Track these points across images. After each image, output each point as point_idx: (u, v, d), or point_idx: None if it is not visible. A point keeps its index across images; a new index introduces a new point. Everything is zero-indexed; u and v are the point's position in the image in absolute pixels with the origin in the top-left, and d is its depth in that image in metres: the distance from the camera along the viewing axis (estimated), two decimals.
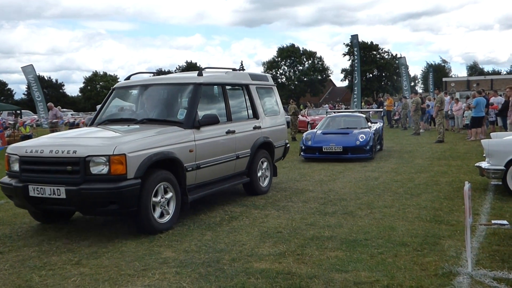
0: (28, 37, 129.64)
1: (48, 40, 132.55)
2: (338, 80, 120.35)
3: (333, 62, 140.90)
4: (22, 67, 32.25)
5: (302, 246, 5.06)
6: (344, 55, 71.39)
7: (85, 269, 4.57)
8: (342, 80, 79.03)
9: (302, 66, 75.75)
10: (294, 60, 75.57)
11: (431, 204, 6.87)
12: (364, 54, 66.95)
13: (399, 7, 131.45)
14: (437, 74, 72.23)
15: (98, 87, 76.17)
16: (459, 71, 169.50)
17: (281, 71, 76.67)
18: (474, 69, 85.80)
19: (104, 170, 5.27)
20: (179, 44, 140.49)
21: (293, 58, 75.41)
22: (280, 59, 76.02)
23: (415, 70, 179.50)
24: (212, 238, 5.47)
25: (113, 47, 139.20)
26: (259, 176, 7.98)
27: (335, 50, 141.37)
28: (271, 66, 75.90)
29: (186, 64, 75.51)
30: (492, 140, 7.85)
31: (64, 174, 5.40)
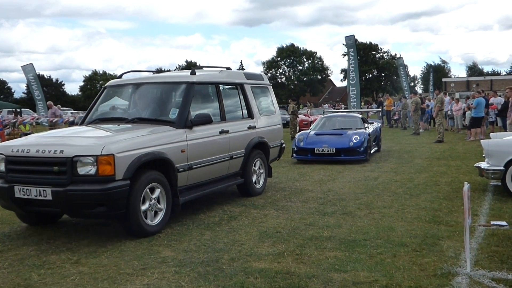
0: (27, 35, 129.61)
1: (47, 38, 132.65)
2: (337, 80, 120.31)
3: (332, 62, 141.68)
4: (22, 66, 32.23)
5: (301, 246, 5.06)
6: (344, 55, 71.31)
7: (84, 268, 4.57)
8: (341, 80, 79.22)
9: (302, 66, 75.75)
10: (294, 60, 75.57)
11: (430, 205, 6.87)
12: (363, 54, 67.04)
13: (398, 7, 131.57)
14: (436, 74, 72.29)
15: (98, 86, 76.17)
16: (458, 72, 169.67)
17: (280, 71, 76.68)
18: (473, 69, 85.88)
19: (92, 170, 5.10)
20: (179, 43, 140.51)
21: (292, 58, 75.42)
22: (279, 58, 76.01)
23: (415, 70, 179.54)
24: (211, 238, 5.48)
25: (112, 46, 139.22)
26: (254, 177, 7.85)
27: (334, 50, 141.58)
28: (270, 65, 75.89)
29: (186, 63, 75.44)
30: (491, 140, 7.85)
31: (51, 174, 5.23)
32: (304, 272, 4.28)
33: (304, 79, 74.03)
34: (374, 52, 73.09)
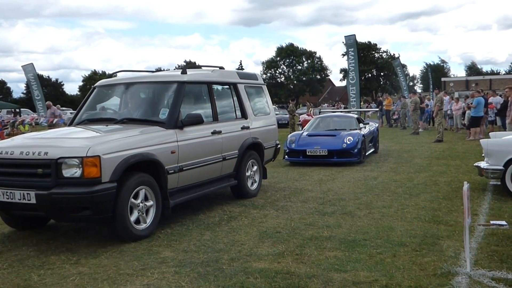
0: (26, 35, 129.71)
1: (46, 38, 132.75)
2: (337, 79, 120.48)
3: (331, 61, 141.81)
4: (22, 66, 32.20)
5: (301, 246, 5.06)
6: (343, 55, 71.43)
7: (84, 268, 4.57)
8: (341, 80, 79.24)
9: (301, 65, 75.79)
10: (293, 60, 75.61)
11: (430, 204, 6.87)
12: (362, 54, 67.06)
13: (397, 7, 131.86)
14: (436, 74, 72.36)
15: None
16: (457, 71, 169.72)
17: (280, 71, 76.73)
18: (472, 69, 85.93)
19: (77, 173, 4.93)
20: (178, 43, 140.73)
21: (292, 58, 75.46)
22: (279, 58, 76.05)
23: (414, 70, 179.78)
24: (211, 238, 5.47)
25: (111, 46, 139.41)
26: (248, 178, 7.68)
27: (333, 49, 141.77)
28: (270, 65, 75.93)
29: (185, 63, 75.41)
30: (491, 140, 7.85)
31: (35, 177, 5.05)
32: (304, 272, 4.28)
33: (304, 79, 74.07)
34: (374, 52, 73.13)
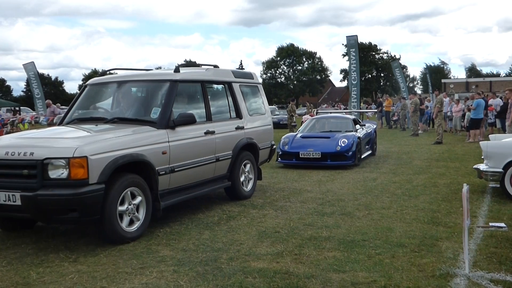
0: (26, 34, 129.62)
1: (46, 37, 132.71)
2: (337, 80, 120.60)
3: (331, 62, 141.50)
4: (23, 64, 32.27)
5: (299, 246, 5.06)
6: (344, 55, 71.52)
7: (82, 266, 4.57)
8: (341, 81, 79.27)
9: (302, 66, 75.82)
10: (293, 60, 75.64)
11: (429, 206, 6.88)
12: (362, 54, 67.08)
13: (397, 9, 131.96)
14: (436, 75, 72.40)
15: None
16: (457, 73, 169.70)
17: (280, 71, 76.75)
18: (472, 71, 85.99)
19: (64, 174, 4.79)
20: (178, 43, 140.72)
21: (292, 58, 75.48)
22: (279, 58, 76.07)
23: (414, 71, 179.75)
24: (210, 237, 5.47)
25: (111, 45, 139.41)
26: (242, 179, 7.52)
27: (333, 50, 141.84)
28: (270, 65, 75.95)
29: (185, 62, 75.44)
30: (490, 142, 7.85)
31: (20, 178, 4.92)
32: (303, 272, 4.29)
33: (304, 79, 74.10)
34: (374, 53, 73.14)
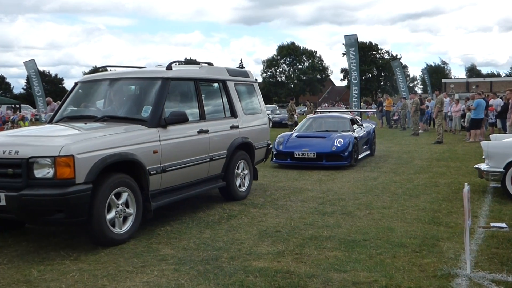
0: (27, 31, 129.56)
1: (47, 34, 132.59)
2: (337, 79, 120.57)
3: (332, 61, 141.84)
4: (24, 62, 32.27)
5: (300, 246, 5.06)
6: (344, 54, 71.41)
7: (83, 264, 4.57)
8: (341, 80, 79.34)
9: (302, 65, 75.78)
10: (294, 59, 75.59)
11: (430, 206, 6.87)
12: (362, 54, 67.05)
13: (398, 8, 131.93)
14: (436, 75, 72.37)
15: None
16: (458, 73, 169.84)
17: (280, 70, 76.70)
18: (472, 71, 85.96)
19: (50, 173, 4.68)
20: (178, 41, 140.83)
21: (293, 57, 75.43)
22: (280, 57, 76.01)
23: (414, 71, 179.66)
24: (210, 236, 5.47)
25: (112, 43, 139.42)
26: (237, 179, 7.41)
27: (334, 49, 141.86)
28: (270, 64, 75.89)
29: (185, 60, 75.40)
30: (491, 142, 7.84)
31: (5, 177, 4.80)
32: (304, 272, 4.29)
33: (304, 78, 74.06)
34: (374, 52, 73.09)
